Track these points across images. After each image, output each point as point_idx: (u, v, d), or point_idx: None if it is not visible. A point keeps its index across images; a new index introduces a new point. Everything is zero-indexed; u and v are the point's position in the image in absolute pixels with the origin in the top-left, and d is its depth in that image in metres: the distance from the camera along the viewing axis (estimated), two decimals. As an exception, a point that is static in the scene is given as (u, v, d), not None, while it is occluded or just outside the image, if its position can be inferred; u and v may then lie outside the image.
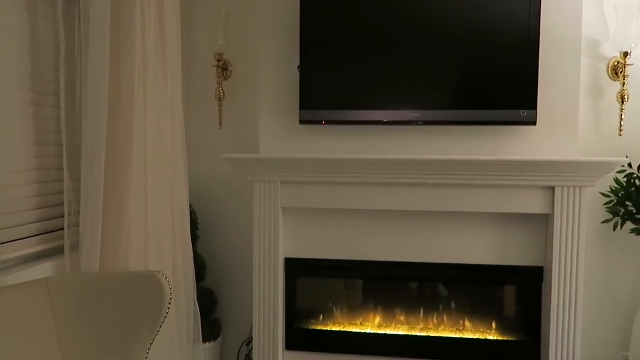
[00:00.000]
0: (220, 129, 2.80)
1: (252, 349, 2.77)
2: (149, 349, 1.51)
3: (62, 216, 1.84)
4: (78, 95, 1.85)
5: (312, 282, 2.72)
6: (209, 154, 2.82)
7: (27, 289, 1.42)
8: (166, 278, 1.49)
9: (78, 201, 1.86)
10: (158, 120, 2.01)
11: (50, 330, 1.41)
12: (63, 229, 1.84)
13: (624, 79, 2.42)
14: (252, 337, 2.78)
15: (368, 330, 2.67)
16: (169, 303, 1.49)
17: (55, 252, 1.86)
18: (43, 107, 1.86)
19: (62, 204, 1.83)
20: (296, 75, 2.48)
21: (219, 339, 2.79)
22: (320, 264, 2.63)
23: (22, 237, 1.71)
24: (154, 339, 1.50)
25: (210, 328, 2.72)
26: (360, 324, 2.71)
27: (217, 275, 2.86)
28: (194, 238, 2.60)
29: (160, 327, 1.50)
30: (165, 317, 1.49)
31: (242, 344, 2.86)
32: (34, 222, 1.78)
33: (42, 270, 1.70)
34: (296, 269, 2.65)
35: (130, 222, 1.91)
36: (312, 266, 2.64)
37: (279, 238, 2.57)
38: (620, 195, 2.44)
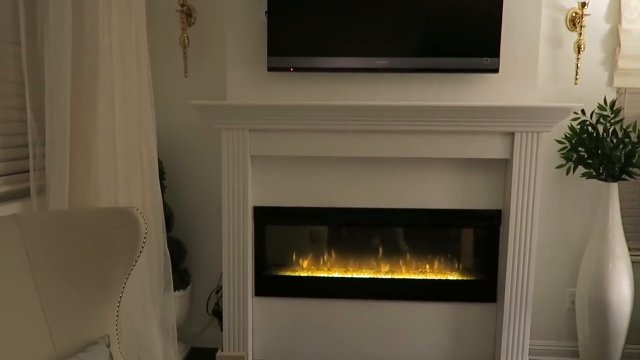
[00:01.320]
0: (186, 77, 2.74)
1: (221, 297, 2.81)
2: (125, 283, 1.52)
3: (27, 158, 1.79)
4: (39, 31, 1.77)
5: (281, 229, 2.77)
6: (174, 103, 2.77)
7: (-5, 223, 1.40)
8: (140, 213, 1.49)
9: (43, 144, 1.81)
10: (124, 58, 1.95)
11: (24, 266, 1.39)
12: (28, 171, 1.79)
13: (581, 29, 2.52)
14: (221, 286, 2.82)
15: (335, 275, 2.76)
16: (144, 237, 1.49)
17: (21, 195, 1.81)
18: (1, 43, 1.78)
19: (26, 145, 1.78)
20: (263, 21, 2.45)
21: (188, 288, 2.82)
22: (288, 212, 2.67)
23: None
24: (129, 274, 1.51)
25: (180, 277, 2.74)
26: (327, 269, 2.80)
27: (185, 225, 2.86)
28: (161, 188, 2.57)
29: (136, 261, 1.50)
30: (141, 252, 1.50)
31: (211, 293, 2.90)
32: (-4, 162, 1.73)
33: (8, 211, 1.65)
34: (265, 217, 2.68)
35: (99, 164, 1.88)
36: (281, 214, 2.68)
37: (247, 186, 2.59)
38: (573, 141, 2.57)
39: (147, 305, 2.27)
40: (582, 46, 2.53)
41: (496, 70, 2.39)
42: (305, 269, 2.80)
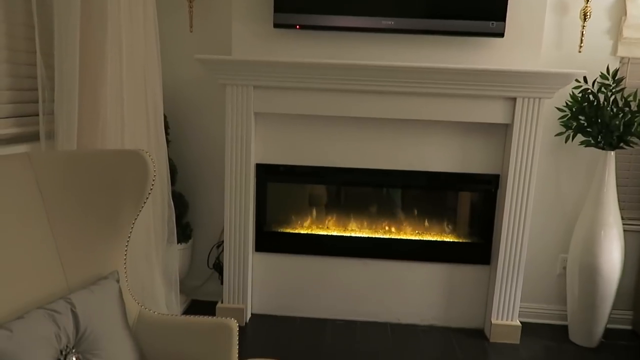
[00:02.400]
0: (191, 32, 2.74)
1: (222, 251, 2.88)
2: (133, 224, 1.57)
3: (36, 101, 1.81)
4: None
5: (282, 187, 2.81)
6: (180, 58, 2.78)
7: (8, 160, 1.43)
8: (149, 155, 1.53)
9: (52, 88, 1.83)
10: (131, 8, 1.95)
11: (36, 202, 1.43)
12: (37, 115, 1.81)
13: (588, -4, 2.52)
14: (222, 241, 2.89)
15: (333, 233, 2.82)
16: (153, 180, 1.53)
17: (30, 139, 1.84)
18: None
19: (36, 89, 1.80)
20: (270, -24, 2.44)
21: (190, 242, 2.88)
22: (289, 170, 2.72)
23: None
24: (137, 215, 1.56)
25: (182, 231, 2.79)
26: (326, 227, 2.85)
27: (188, 180, 2.90)
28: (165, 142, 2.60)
29: (144, 203, 1.55)
30: (149, 193, 1.54)
31: (212, 247, 2.96)
32: (6, 103, 1.75)
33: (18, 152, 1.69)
34: (266, 174, 2.73)
35: (107, 111, 1.90)
36: (282, 171, 2.72)
37: (250, 143, 2.62)
38: (574, 109, 2.60)
39: (151, 254, 2.33)
40: (588, 14, 2.53)
41: (501, 35, 2.40)
42: (304, 227, 2.86)
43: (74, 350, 1.27)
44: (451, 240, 2.78)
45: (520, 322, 2.69)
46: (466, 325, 2.80)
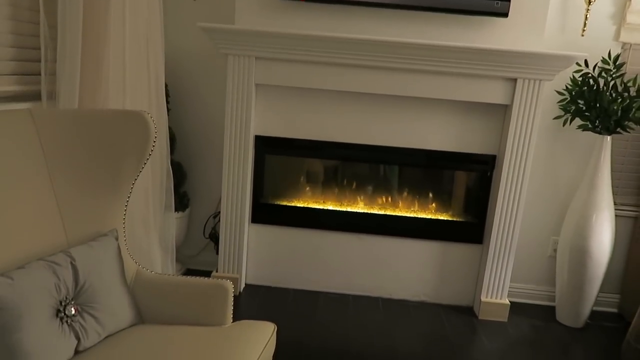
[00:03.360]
0: (194, 0, 2.72)
1: (218, 221, 2.90)
2: (133, 184, 1.59)
3: (39, 60, 1.81)
4: None
5: (280, 159, 2.83)
6: (182, 27, 2.76)
7: (10, 115, 1.44)
8: (151, 117, 1.54)
9: (55, 49, 1.83)
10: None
11: (38, 158, 1.45)
12: (39, 74, 1.82)
13: (594, -21, 2.51)
14: (218, 212, 2.91)
15: (329, 207, 2.84)
16: (154, 141, 1.55)
17: (32, 98, 1.85)
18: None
19: (39, 48, 1.80)
20: (277, -54, 2.42)
21: (187, 211, 2.90)
22: (288, 143, 2.73)
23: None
24: (137, 175, 1.58)
25: (179, 199, 2.81)
26: (323, 201, 2.88)
27: (186, 150, 2.91)
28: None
29: (145, 164, 1.56)
30: (150, 154, 1.55)
31: (209, 217, 2.99)
32: (9, 60, 1.75)
33: (19, 111, 1.69)
34: (265, 146, 2.74)
35: (109, 73, 1.91)
36: (281, 144, 2.74)
37: (250, 114, 2.63)
38: (573, 93, 2.61)
39: (149, 219, 2.35)
40: (593, -3, 2.53)
41: (505, 15, 2.40)
42: (301, 200, 2.88)
43: (72, 302, 1.30)
44: (445, 218, 2.81)
45: (509, 302, 2.74)
46: (456, 302, 2.85)
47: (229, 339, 1.41)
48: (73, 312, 1.28)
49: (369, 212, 2.82)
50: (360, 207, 2.85)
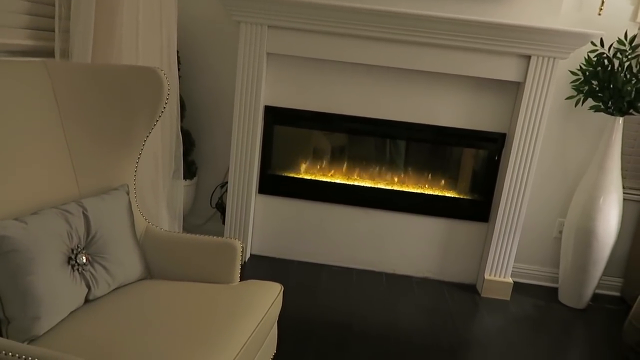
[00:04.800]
0: (208, -34, 2.70)
1: (225, 191, 2.91)
2: (145, 141, 1.59)
3: (53, 16, 1.81)
4: None
5: (288, 131, 2.82)
6: (194, -7, 2.75)
7: (25, 65, 1.44)
8: (164, 73, 1.54)
9: (69, 7, 1.82)
10: None
11: (52, 110, 1.45)
12: (53, 31, 1.81)
13: (614, -43, 2.47)
14: (225, 182, 2.92)
15: (336, 181, 2.85)
16: (166, 98, 1.55)
17: (46, 54, 1.85)
18: None
19: (53, 4, 1.79)
20: None
21: (194, 180, 2.91)
22: (297, 114, 2.72)
23: (11, 25, 1.68)
24: (149, 132, 1.58)
25: (187, 168, 2.82)
26: (330, 174, 2.88)
27: (196, 118, 2.91)
28: (176, 77, 2.60)
29: (157, 121, 1.57)
30: (162, 112, 1.55)
31: (216, 187, 3.00)
32: (23, 14, 1.74)
33: (33, 66, 1.69)
34: (274, 117, 2.74)
35: (122, 33, 1.90)
36: (290, 115, 2.73)
37: (261, 84, 2.62)
38: (587, 73, 2.59)
39: (158, 184, 2.36)
40: (612, -25, 2.49)
41: (522, -10, 2.37)
42: (308, 172, 2.88)
43: (84, 251, 1.31)
44: (452, 195, 2.81)
45: (513, 281, 2.75)
46: (460, 279, 2.86)
47: (236, 295, 1.43)
48: (84, 260, 1.29)
49: (375, 186, 2.82)
50: (367, 182, 2.85)
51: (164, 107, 1.54)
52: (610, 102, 2.53)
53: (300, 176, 2.86)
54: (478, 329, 2.39)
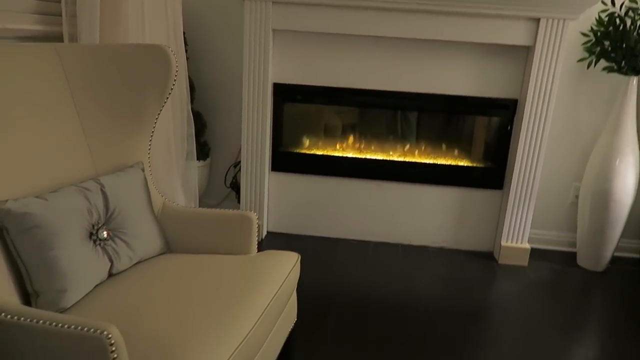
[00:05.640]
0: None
1: (238, 171, 2.94)
2: (157, 118, 1.61)
3: (59, 0, 1.82)
4: None
5: (298, 107, 2.82)
6: (198, -27, 2.74)
7: (36, 49, 1.46)
8: (172, 51, 1.55)
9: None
10: None
11: (64, 92, 1.47)
12: (61, 15, 1.83)
13: None
14: (238, 161, 2.94)
15: (348, 155, 2.85)
16: (175, 75, 1.56)
17: (54, 40, 1.87)
18: None
19: (59, -12, 1.81)
20: None
21: (208, 160, 2.94)
22: (306, 90, 2.72)
23: (18, 9, 1.70)
24: (160, 109, 1.60)
25: (200, 149, 2.85)
26: (342, 149, 2.89)
27: (206, 100, 2.93)
28: (184, 59, 2.61)
29: (167, 97, 1.58)
30: (172, 89, 1.57)
31: (229, 167, 3.03)
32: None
33: (43, 51, 1.71)
34: (284, 94, 2.74)
35: (128, 17, 1.91)
36: (299, 92, 2.73)
37: (268, 61, 2.62)
38: (598, 34, 2.54)
39: (172, 167, 2.39)
40: None
41: (529, -50, 2.32)
42: (320, 148, 2.89)
43: (104, 227, 1.34)
44: (465, 164, 2.80)
45: (530, 247, 2.74)
46: (476, 247, 2.87)
47: (254, 264, 1.45)
48: (105, 235, 1.33)
49: (388, 159, 2.82)
50: (379, 154, 2.85)
51: (174, 84, 1.55)
52: (623, 62, 2.49)
53: (312, 152, 2.87)
54: (496, 295, 2.40)
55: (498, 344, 2.00)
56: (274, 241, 2.84)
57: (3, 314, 0.98)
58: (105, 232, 1.33)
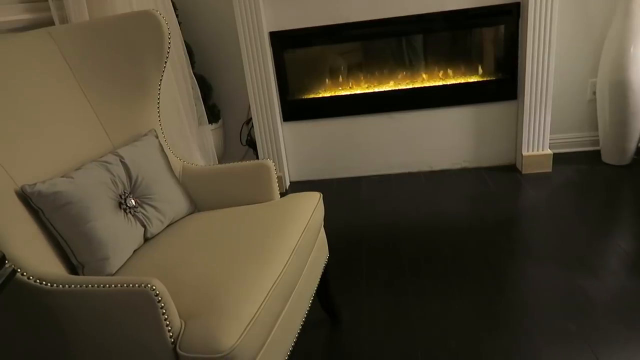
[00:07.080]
0: None
1: (252, 127, 2.96)
2: (159, 85, 1.63)
3: (42, -15, 1.83)
4: None
5: (299, 53, 2.80)
6: None
7: (30, 36, 1.48)
8: (160, 14, 1.55)
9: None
10: None
11: (67, 74, 1.50)
12: (47, 0, 1.84)
13: None
14: (250, 118, 2.96)
15: (357, 92, 2.83)
16: (169, 38, 1.57)
17: (46, 25, 1.88)
18: None
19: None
20: None
21: (220, 122, 2.97)
22: (304, 33, 2.69)
23: (4, 1, 1.71)
24: (162, 76, 1.62)
25: (210, 111, 2.87)
26: (349, 87, 2.87)
27: (206, 62, 2.93)
28: (176, 24, 2.60)
29: (165, 62, 1.60)
30: (168, 52, 1.58)
31: (242, 125, 3.05)
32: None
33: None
34: (281, 42, 2.71)
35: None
36: (297, 36, 2.70)
37: (259, 10, 2.58)
38: None
39: (185, 131, 2.43)
40: None
41: None
42: (327, 90, 2.88)
43: (131, 195, 1.40)
44: (475, 80, 2.76)
45: (552, 153, 2.73)
46: (497, 162, 2.86)
47: (279, 208, 1.50)
48: (133, 203, 1.38)
49: (396, 88, 2.80)
50: (387, 86, 2.83)
51: (169, 47, 1.56)
52: (626, -59, 2.36)
53: (320, 95, 2.86)
54: (524, 204, 2.42)
55: (534, 249, 2.03)
56: (297, 190, 2.89)
57: (55, 285, 1.05)
58: (133, 200, 1.39)
